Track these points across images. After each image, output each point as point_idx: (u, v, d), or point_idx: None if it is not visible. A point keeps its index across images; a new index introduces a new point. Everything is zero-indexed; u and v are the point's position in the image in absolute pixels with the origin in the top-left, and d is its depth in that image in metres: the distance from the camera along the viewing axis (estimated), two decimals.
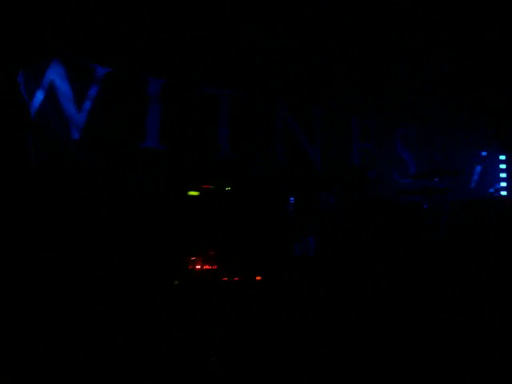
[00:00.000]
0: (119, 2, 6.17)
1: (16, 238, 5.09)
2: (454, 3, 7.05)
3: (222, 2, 6.64)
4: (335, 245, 6.23)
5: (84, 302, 4.77)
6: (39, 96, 5.87)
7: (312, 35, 7.20)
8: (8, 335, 4.10)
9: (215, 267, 5.73)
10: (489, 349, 4.22)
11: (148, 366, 3.88)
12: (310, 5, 6.93)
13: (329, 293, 5.48)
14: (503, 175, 8.49)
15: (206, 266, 5.76)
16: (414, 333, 4.56)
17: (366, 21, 7.19)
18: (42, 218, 5.37)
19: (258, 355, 4.12)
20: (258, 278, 5.68)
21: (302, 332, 4.55)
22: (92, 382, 3.66)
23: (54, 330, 4.24)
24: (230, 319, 4.80)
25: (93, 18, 6.08)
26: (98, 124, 6.20)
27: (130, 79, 6.48)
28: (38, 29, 5.73)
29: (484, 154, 8.72)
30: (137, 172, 6.24)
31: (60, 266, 5.12)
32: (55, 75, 5.99)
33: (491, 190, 8.52)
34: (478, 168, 8.67)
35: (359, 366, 3.93)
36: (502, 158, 8.54)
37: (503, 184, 8.48)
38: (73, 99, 6.13)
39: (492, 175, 8.67)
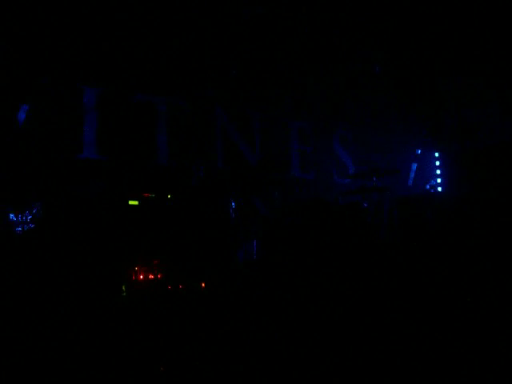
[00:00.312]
0: (52, 9, 6.06)
1: None
2: (383, 6, 7.22)
3: (156, 9, 6.61)
4: (278, 248, 6.26)
5: (22, 315, 4.65)
6: None
7: (247, 42, 7.24)
8: None
9: (160, 276, 5.68)
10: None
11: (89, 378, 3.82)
12: (244, 11, 6.97)
13: (273, 296, 5.50)
14: (438, 172, 8.72)
15: (151, 276, 5.71)
16: (360, 335, 4.62)
17: (300, 25, 7.28)
18: None
19: (205, 364, 4.10)
20: (203, 284, 5.67)
21: (245, 337, 4.55)
22: None
23: None
24: (176, 328, 4.76)
25: (26, 27, 5.96)
26: (32, 136, 6.06)
27: (65, 89, 6.37)
28: None
29: (419, 152, 8.95)
30: (75, 183, 6.13)
31: None
32: None
33: (427, 187, 8.74)
34: (414, 166, 8.89)
35: (307, 369, 3.96)
36: (436, 154, 8.77)
37: (436, 180, 8.70)
38: None
39: (428, 172, 8.90)
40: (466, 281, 5.76)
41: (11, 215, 5.55)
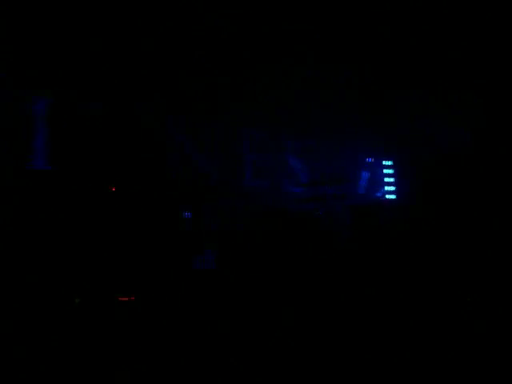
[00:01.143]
0: None
1: None
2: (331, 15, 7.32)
3: (101, 15, 6.51)
4: (235, 257, 6.24)
5: None
6: None
7: (199, 48, 7.20)
8: None
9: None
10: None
11: None
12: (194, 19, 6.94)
13: (230, 304, 5.48)
14: (389, 180, 8.85)
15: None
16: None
17: (250, 32, 7.29)
18: None
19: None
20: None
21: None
22: None
23: None
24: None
25: None
26: None
27: (14, 99, 6.19)
28: None
29: (370, 160, 9.05)
30: (25, 194, 5.95)
31: None
32: None
33: (378, 195, 8.84)
34: (366, 174, 8.99)
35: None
36: (388, 163, 8.90)
37: (388, 188, 8.83)
38: None
39: (378, 181, 9.01)
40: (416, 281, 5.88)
41: None
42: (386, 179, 8.83)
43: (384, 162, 8.91)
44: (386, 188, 8.75)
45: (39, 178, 6.27)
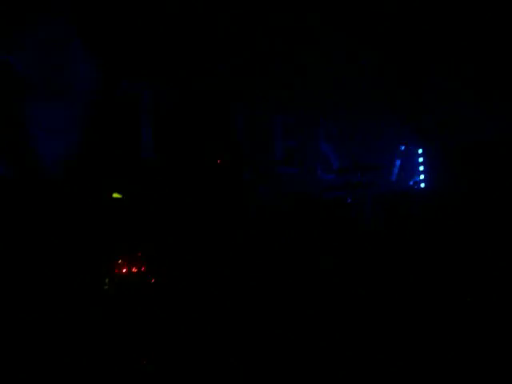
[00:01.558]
0: None
1: None
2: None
3: None
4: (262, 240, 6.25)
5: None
6: None
7: (226, 31, 7.19)
8: None
9: (144, 269, 5.66)
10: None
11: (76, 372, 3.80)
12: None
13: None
14: (421, 168, 8.79)
15: (134, 269, 5.68)
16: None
17: (280, 15, 7.26)
18: None
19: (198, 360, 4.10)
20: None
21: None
22: None
23: None
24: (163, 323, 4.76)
25: None
26: None
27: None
28: None
29: (403, 148, 8.99)
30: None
31: None
32: None
33: (411, 183, 8.79)
34: (398, 162, 8.93)
35: None
36: (420, 151, 8.83)
37: (422, 177, 8.77)
38: None
39: (411, 169, 8.96)
40: (451, 276, 5.83)
41: None
42: (418, 167, 8.77)
43: (416, 150, 8.85)
44: (418, 176, 8.70)
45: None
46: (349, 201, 6.96)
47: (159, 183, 6.44)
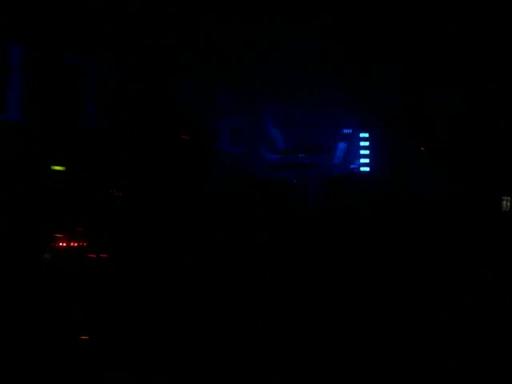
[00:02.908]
0: None
1: None
2: None
3: None
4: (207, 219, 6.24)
5: None
6: None
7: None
8: None
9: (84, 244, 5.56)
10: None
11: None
12: None
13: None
14: (364, 152, 8.88)
15: (74, 243, 5.57)
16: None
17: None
18: None
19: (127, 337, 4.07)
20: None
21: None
22: None
23: None
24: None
25: None
26: None
27: None
28: None
29: (347, 131, 9.07)
30: None
31: None
32: None
33: (352, 166, 8.89)
34: (342, 145, 9.01)
35: None
36: (364, 135, 8.91)
37: (364, 160, 8.86)
38: None
39: (354, 152, 9.05)
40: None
41: None
42: (362, 151, 8.86)
43: (361, 135, 8.93)
44: (362, 160, 8.79)
45: (12, 130, 6.21)
46: (295, 181, 7.03)
47: (104, 155, 6.32)
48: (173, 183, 6.47)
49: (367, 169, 8.64)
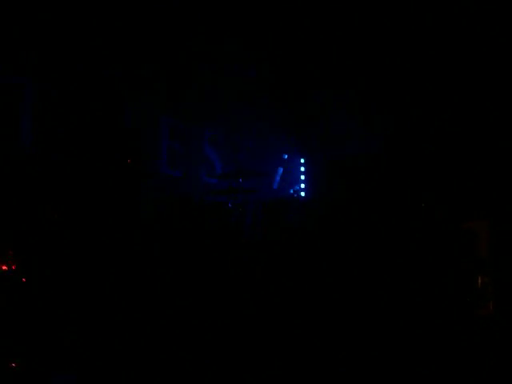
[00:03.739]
0: None
1: None
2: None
3: None
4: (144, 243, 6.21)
5: None
6: None
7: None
8: None
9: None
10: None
11: None
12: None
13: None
14: (303, 177, 9.04)
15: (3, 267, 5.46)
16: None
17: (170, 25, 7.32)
18: None
19: None
20: None
21: None
22: None
23: None
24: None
25: None
26: None
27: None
28: None
29: (285, 157, 9.22)
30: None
31: None
32: None
33: (291, 191, 9.02)
34: (280, 170, 9.15)
35: None
36: (302, 161, 9.08)
37: (303, 185, 9.02)
38: None
39: (293, 177, 9.20)
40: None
41: None
42: (299, 176, 9.02)
43: (298, 160, 9.10)
44: (298, 185, 8.94)
45: None
46: (230, 206, 7.07)
47: (37, 177, 6.24)
48: (109, 206, 6.43)
49: (303, 194, 8.81)
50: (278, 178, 9.06)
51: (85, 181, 6.56)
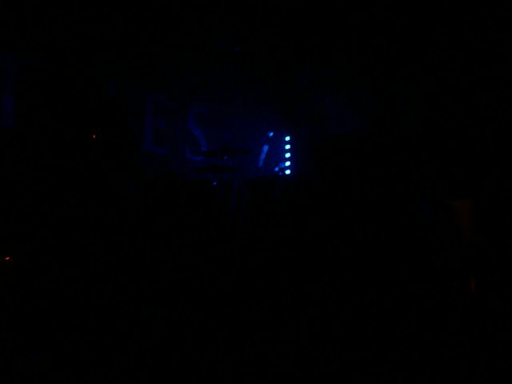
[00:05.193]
0: None
1: None
2: None
3: None
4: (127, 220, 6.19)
5: None
6: None
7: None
8: None
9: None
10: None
11: None
12: None
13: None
14: (288, 155, 9.04)
15: None
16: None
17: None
18: None
19: None
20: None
21: None
22: None
23: None
24: None
25: None
26: None
27: None
28: None
29: (271, 134, 9.20)
30: None
31: None
32: None
33: (276, 169, 9.02)
34: (266, 148, 9.13)
35: None
36: (287, 138, 9.07)
37: (288, 163, 9.02)
38: None
39: (278, 155, 9.20)
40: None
41: None
42: (284, 154, 9.02)
43: (284, 138, 9.08)
44: (283, 163, 8.95)
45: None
46: (214, 183, 7.04)
47: (20, 156, 6.18)
48: (94, 184, 6.39)
49: (288, 171, 8.80)
50: (263, 156, 9.06)
51: (66, 156, 6.51)
